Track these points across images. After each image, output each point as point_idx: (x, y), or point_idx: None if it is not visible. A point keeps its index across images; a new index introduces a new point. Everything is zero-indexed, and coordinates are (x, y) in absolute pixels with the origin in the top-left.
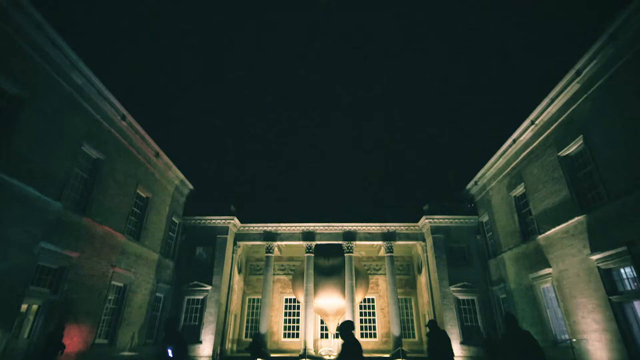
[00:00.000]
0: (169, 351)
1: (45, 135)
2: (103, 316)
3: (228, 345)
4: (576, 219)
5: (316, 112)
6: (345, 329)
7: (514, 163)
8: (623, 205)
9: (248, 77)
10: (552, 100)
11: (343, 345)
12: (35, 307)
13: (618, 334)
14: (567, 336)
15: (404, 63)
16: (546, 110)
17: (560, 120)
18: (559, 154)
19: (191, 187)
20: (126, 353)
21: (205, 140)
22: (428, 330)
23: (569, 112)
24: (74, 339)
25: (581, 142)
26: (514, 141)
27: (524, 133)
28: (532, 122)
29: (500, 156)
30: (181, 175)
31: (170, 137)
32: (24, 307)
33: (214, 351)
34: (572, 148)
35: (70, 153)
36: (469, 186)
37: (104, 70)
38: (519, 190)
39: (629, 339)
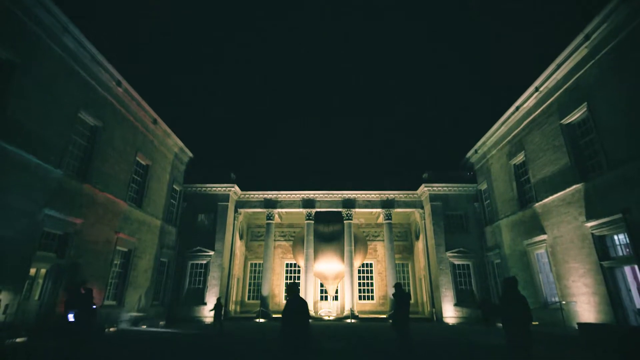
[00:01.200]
0: (70, 316)
1: (41, 102)
2: (110, 279)
3: (232, 307)
4: (574, 187)
5: (316, 80)
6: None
7: (516, 131)
8: (622, 174)
9: (248, 43)
10: (559, 66)
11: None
12: (43, 271)
13: (606, 297)
14: (557, 299)
15: (405, 29)
16: (552, 77)
17: (565, 87)
18: (562, 121)
19: (191, 155)
20: (134, 313)
21: (205, 109)
22: (394, 291)
23: (574, 78)
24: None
25: (585, 109)
26: (517, 108)
27: (527, 100)
28: (537, 89)
29: (502, 124)
30: (180, 143)
31: (169, 106)
32: (32, 270)
33: None
34: (575, 116)
35: (67, 120)
36: (469, 154)
37: (99, 37)
38: (519, 158)
39: (616, 302)
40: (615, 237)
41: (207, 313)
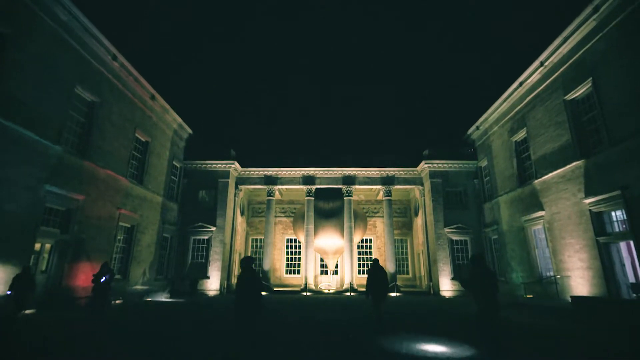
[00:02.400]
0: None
1: (36, 76)
2: (114, 254)
3: (234, 280)
4: (574, 163)
5: (317, 56)
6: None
7: (518, 107)
8: (623, 151)
9: (247, 19)
10: (565, 40)
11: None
12: (48, 246)
13: (600, 272)
14: (552, 273)
15: (406, 2)
16: (557, 51)
17: (570, 61)
18: (565, 97)
19: (190, 131)
20: (139, 287)
21: (204, 85)
22: (372, 264)
23: (581, 52)
24: (89, 274)
25: (590, 85)
26: (521, 84)
27: (531, 75)
28: (542, 64)
29: (505, 100)
30: (179, 119)
31: (167, 82)
32: (37, 245)
33: (221, 285)
34: (579, 91)
35: (64, 95)
36: (470, 131)
37: (92, 9)
38: (521, 135)
39: (610, 276)
40: (613, 213)
41: (210, 286)
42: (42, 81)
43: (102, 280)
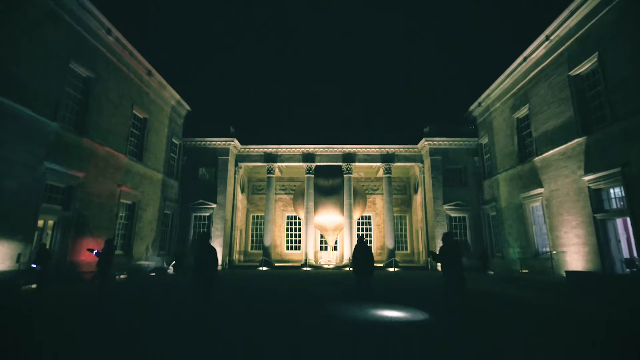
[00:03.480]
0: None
1: (30, 52)
2: (117, 231)
3: (236, 256)
4: (576, 140)
5: (316, 31)
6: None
7: (521, 83)
8: (626, 127)
9: None
10: (572, 13)
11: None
12: (51, 222)
13: (596, 247)
14: (548, 249)
15: None
16: (564, 24)
17: (577, 35)
18: (570, 73)
19: (188, 107)
20: (142, 262)
21: (201, 62)
22: (356, 244)
23: (588, 26)
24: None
25: (595, 60)
26: (525, 59)
27: (536, 50)
28: (547, 38)
29: (508, 76)
30: (177, 96)
31: (164, 58)
32: (40, 222)
33: (222, 260)
34: (584, 67)
35: (58, 71)
36: (472, 108)
37: None
38: (523, 111)
39: (605, 252)
40: (611, 190)
41: None
42: (36, 57)
43: (100, 252)
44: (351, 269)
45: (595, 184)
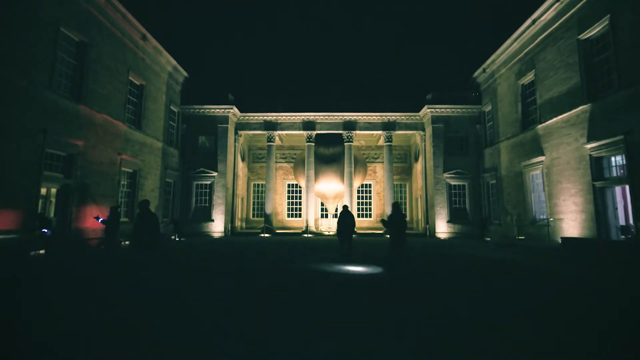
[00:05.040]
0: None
1: (18, 16)
2: (120, 199)
3: (238, 223)
4: (580, 107)
5: None
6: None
7: (529, 47)
8: (632, 94)
9: None
10: None
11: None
12: (54, 190)
13: (593, 215)
14: (545, 216)
15: None
16: None
17: None
18: (579, 36)
19: (185, 74)
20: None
21: (197, 26)
22: (342, 210)
23: None
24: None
25: (607, 22)
26: (534, 22)
27: (546, 12)
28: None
29: (516, 39)
30: (173, 61)
31: (159, 22)
32: (43, 190)
33: (225, 227)
34: (595, 30)
35: (50, 36)
36: (476, 73)
37: None
38: (528, 77)
39: (601, 219)
40: (613, 158)
41: (214, 229)
42: (25, 20)
43: (106, 220)
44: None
45: (597, 152)
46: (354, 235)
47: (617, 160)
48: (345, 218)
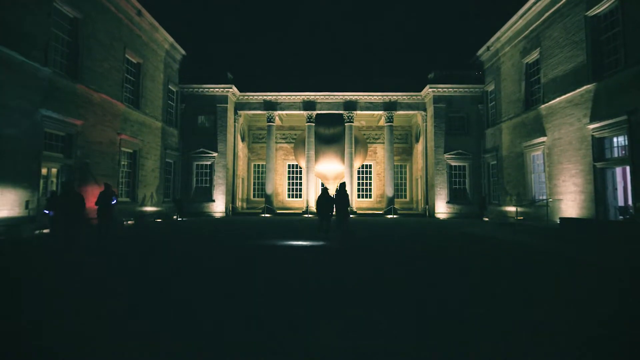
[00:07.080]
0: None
1: None
2: (121, 179)
3: (238, 204)
4: (585, 87)
5: None
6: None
7: (535, 24)
8: (637, 73)
9: None
10: None
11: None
12: (54, 170)
13: (592, 195)
14: (544, 197)
15: None
16: None
17: None
18: (587, 13)
19: (183, 52)
20: (147, 208)
21: (196, 3)
22: (319, 194)
23: None
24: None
25: None
26: None
27: None
28: None
29: (521, 16)
30: (170, 39)
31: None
32: (44, 170)
33: (226, 207)
34: (603, 6)
35: (43, 11)
36: (480, 52)
37: None
38: (533, 56)
39: (600, 200)
40: (615, 139)
41: (216, 209)
42: None
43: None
44: (351, 216)
45: (599, 133)
46: (352, 215)
47: (620, 140)
48: (323, 199)
